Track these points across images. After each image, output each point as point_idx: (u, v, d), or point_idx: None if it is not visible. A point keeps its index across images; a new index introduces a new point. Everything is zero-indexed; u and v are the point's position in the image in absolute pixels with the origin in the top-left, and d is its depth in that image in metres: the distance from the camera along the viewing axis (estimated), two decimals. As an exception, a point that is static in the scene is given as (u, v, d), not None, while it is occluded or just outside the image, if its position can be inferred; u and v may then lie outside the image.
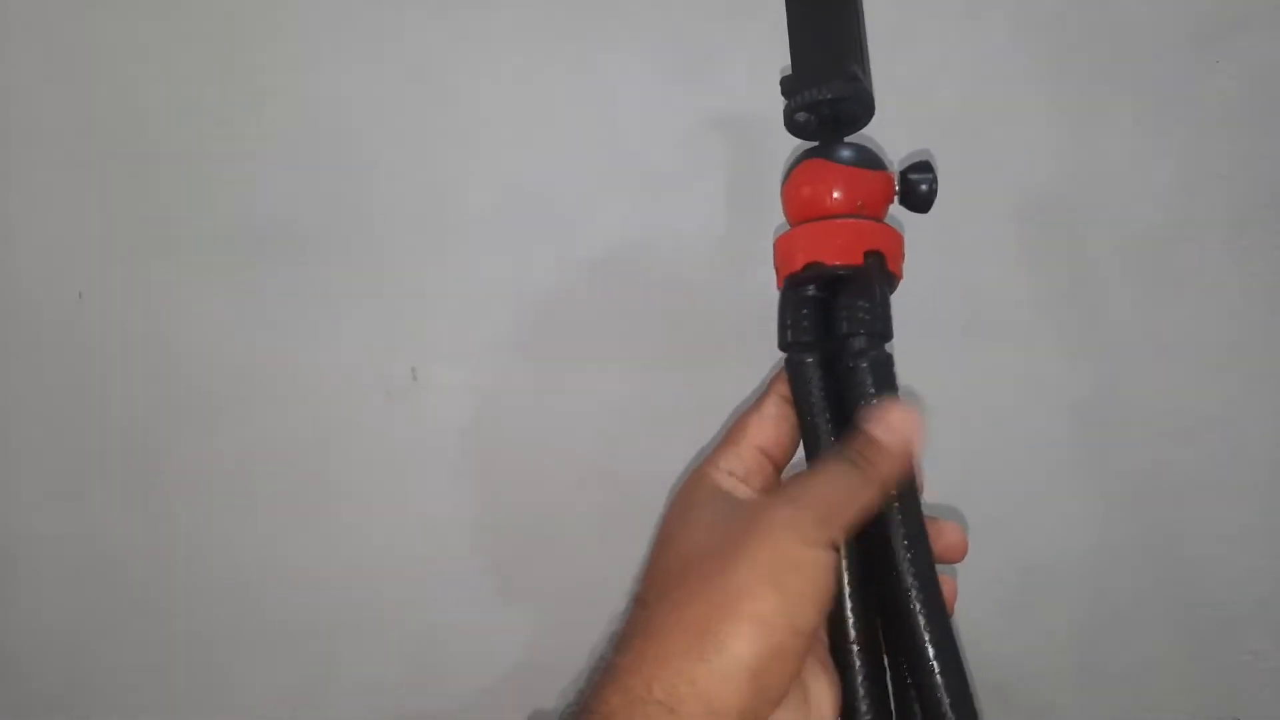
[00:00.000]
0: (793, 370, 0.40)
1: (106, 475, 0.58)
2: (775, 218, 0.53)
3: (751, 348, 0.54)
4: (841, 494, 0.36)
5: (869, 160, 0.41)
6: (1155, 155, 0.52)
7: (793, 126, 0.42)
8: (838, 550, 0.36)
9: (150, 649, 0.60)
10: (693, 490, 0.39)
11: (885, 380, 0.38)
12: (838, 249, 0.39)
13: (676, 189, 0.54)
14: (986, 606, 0.57)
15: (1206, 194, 0.52)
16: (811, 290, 0.40)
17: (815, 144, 0.42)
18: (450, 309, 0.56)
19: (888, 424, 0.37)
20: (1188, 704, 0.56)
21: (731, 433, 0.41)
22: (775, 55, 0.48)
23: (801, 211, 0.41)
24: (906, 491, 0.38)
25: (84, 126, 0.56)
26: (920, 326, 0.54)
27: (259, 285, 0.56)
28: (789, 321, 0.40)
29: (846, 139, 0.42)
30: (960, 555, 0.41)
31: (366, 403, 0.56)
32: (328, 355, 0.56)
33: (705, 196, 0.54)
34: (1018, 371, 0.55)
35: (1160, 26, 0.51)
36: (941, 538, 0.40)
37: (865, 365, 0.38)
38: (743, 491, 0.39)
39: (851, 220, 0.40)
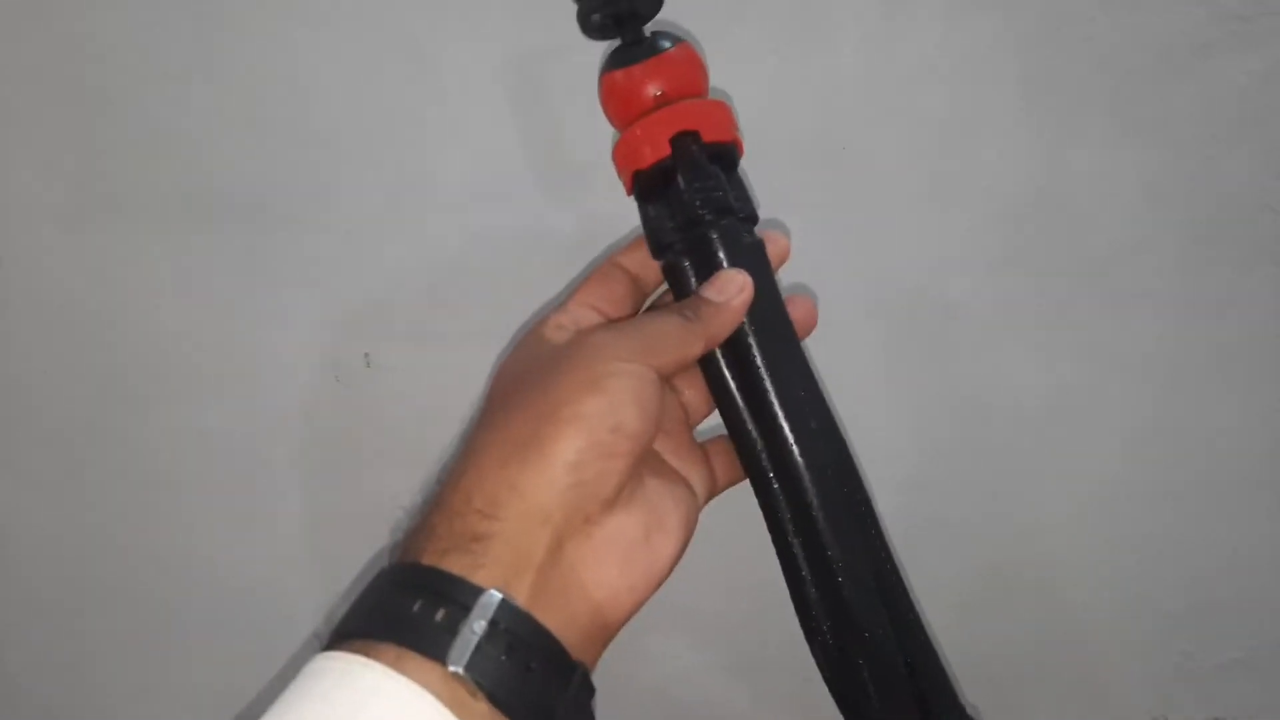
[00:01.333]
0: (669, 274, 0.41)
1: (23, 460, 0.54)
2: (760, 217, 0.52)
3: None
4: (664, 336, 0.37)
5: (651, 48, 0.41)
6: (1120, 170, 0.53)
7: (588, 29, 0.42)
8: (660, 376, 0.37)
9: (61, 646, 0.57)
10: (524, 342, 0.39)
11: (732, 248, 0.39)
12: (644, 153, 0.40)
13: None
14: (949, 606, 0.58)
15: (1166, 210, 0.54)
16: (655, 194, 0.40)
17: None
18: (410, 291, 0.53)
19: (719, 284, 0.38)
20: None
21: (565, 296, 0.42)
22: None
23: (618, 126, 0.42)
24: (767, 328, 0.39)
25: (14, 71, 0.51)
26: (891, 329, 0.55)
27: (205, 257, 0.53)
28: (647, 234, 0.41)
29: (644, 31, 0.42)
30: (808, 330, 0.43)
31: (316, 388, 0.54)
32: (276, 336, 0.53)
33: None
34: (986, 376, 0.55)
35: (1129, 50, 0.52)
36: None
37: (714, 235, 0.39)
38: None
39: (648, 116, 0.40)
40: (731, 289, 0.38)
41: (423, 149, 0.52)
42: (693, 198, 0.39)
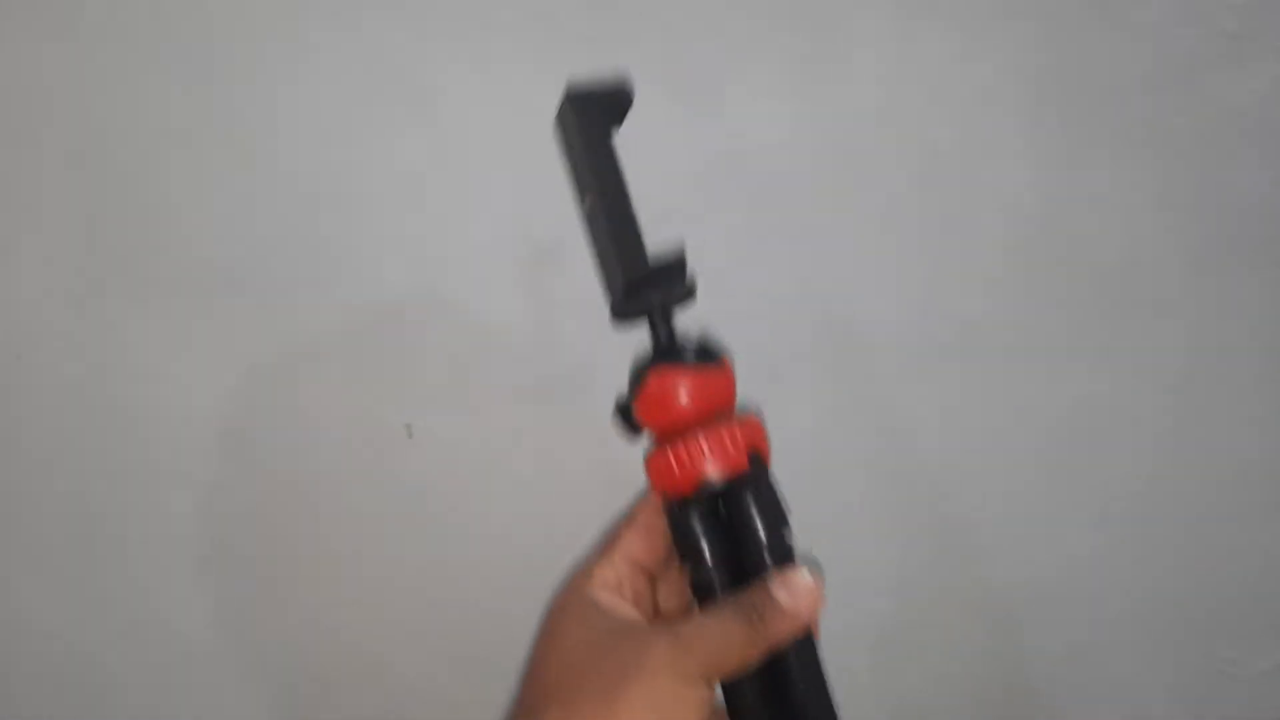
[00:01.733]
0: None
1: (53, 557, 0.52)
2: (787, 246, 0.53)
3: (784, 384, 0.53)
4: (728, 645, 0.36)
5: (712, 355, 0.41)
6: (1127, 190, 0.55)
7: (620, 318, 0.42)
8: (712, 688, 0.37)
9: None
10: (570, 604, 0.40)
11: (784, 548, 0.40)
12: (722, 464, 0.39)
13: (689, 223, 0.53)
14: (981, 622, 0.58)
15: (1171, 224, 0.55)
16: (703, 504, 0.40)
17: (655, 347, 0.42)
18: (448, 356, 0.53)
19: (793, 589, 0.38)
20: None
21: (606, 544, 0.42)
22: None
23: (667, 426, 0.40)
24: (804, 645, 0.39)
25: (17, 158, 0.50)
26: (912, 351, 0.55)
27: (226, 328, 0.51)
28: (698, 547, 0.40)
29: (680, 334, 0.42)
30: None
31: (355, 461, 0.53)
32: (314, 408, 0.52)
33: (721, 229, 0.53)
34: (1009, 393, 0.56)
35: (1130, 71, 0.53)
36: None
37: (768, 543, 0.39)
38: (622, 610, 0.40)
39: (722, 428, 0.39)
40: (803, 594, 0.38)
41: (448, 214, 0.52)
42: (775, 519, 0.40)
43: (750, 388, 0.54)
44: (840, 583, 0.56)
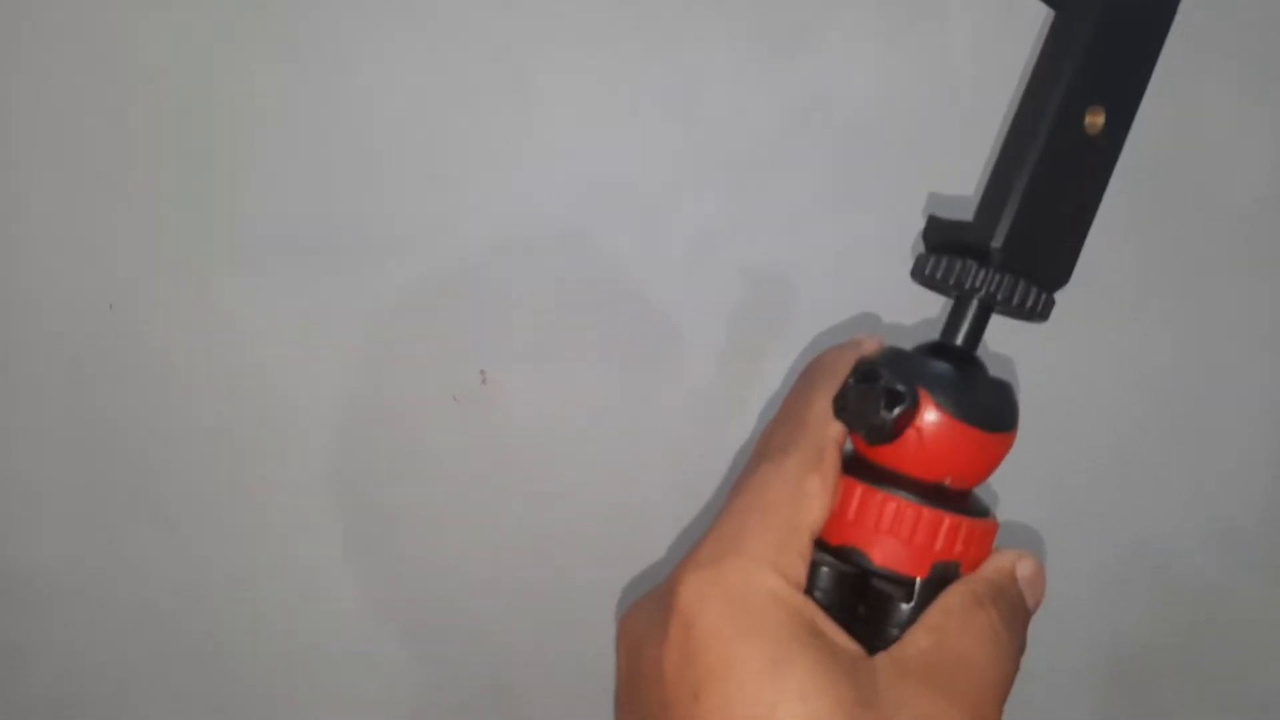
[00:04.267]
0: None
1: (155, 509, 0.53)
2: (871, 212, 0.50)
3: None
4: (997, 686, 0.26)
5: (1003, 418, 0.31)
6: (1255, 126, 0.51)
7: (927, 280, 0.33)
8: None
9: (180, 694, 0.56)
10: (753, 609, 0.26)
11: None
12: (901, 553, 0.29)
13: (765, 180, 0.51)
14: (1091, 592, 0.56)
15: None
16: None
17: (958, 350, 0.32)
18: (526, 310, 0.52)
19: (1033, 576, 0.29)
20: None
21: (782, 507, 0.28)
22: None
23: (948, 472, 0.30)
24: None
25: (113, 123, 0.51)
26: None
27: (310, 294, 0.52)
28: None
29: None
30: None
31: (435, 412, 0.52)
32: (391, 364, 0.52)
33: (801, 187, 0.51)
34: (1121, 351, 0.53)
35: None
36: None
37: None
38: (839, 641, 0.27)
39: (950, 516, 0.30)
40: (1039, 594, 0.30)
41: (523, 169, 0.51)
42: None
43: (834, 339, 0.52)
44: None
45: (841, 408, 0.30)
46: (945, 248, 0.32)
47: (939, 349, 0.32)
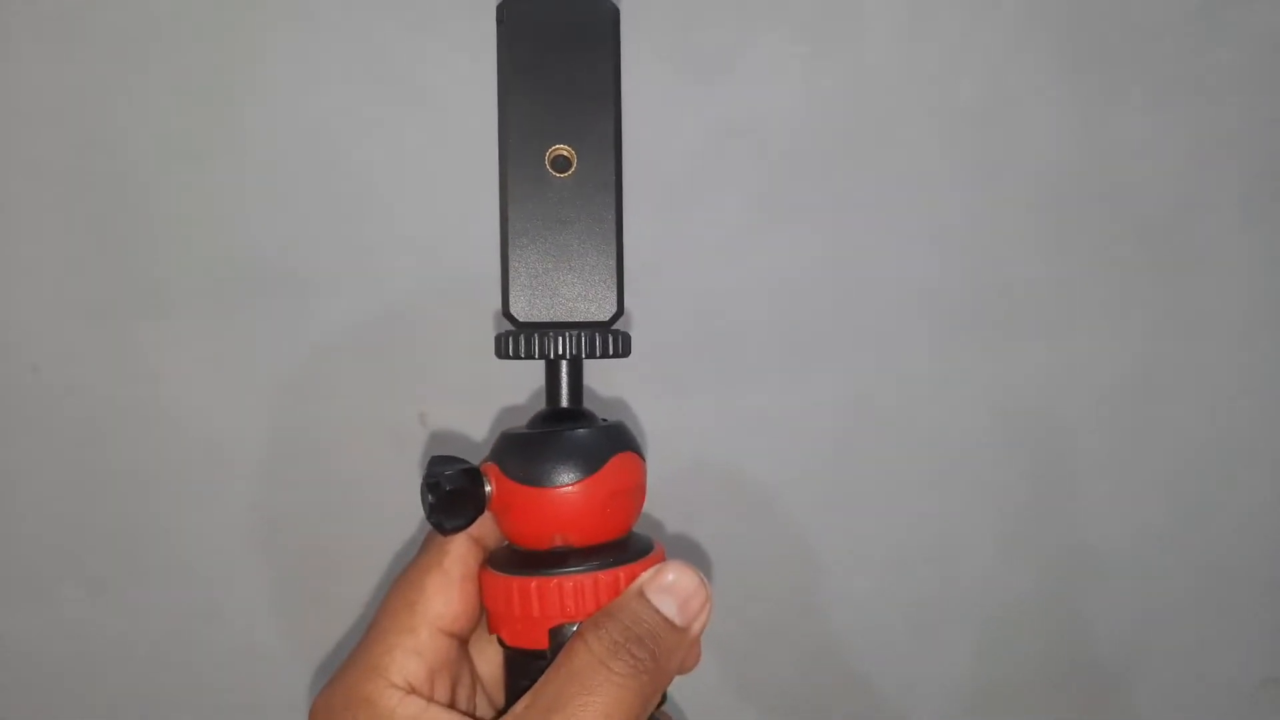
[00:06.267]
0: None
1: (85, 568, 0.52)
2: (794, 226, 0.50)
3: (813, 356, 0.52)
4: (606, 698, 0.26)
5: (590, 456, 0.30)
6: (1166, 131, 0.52)
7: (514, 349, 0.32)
8: None
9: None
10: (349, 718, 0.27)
11: None
12: (518, 628, 0.29)
13: (692, 201, 0.52)
14: (1052, 577, 0.56)
15: (1217, 167, 0.53)
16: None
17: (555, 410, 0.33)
18: (461, 348, 0.51)
19: (681, 594, 0.28)
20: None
21: (397, 612, 0.29)
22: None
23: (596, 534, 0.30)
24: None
25: (32, 171, 0.50)
26: (950, 319, 0.53)
27: (244, 336, 0.51)
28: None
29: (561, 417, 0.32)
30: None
31: (374, 455, 0.52)
32: (330, 406, 0.51)
33: (722, 207, 0.52)
34: (1049, 360, 0.54)
35: (1164, 3, 0.51)
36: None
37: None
38: None
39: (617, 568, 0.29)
40: (696, 605, 0.29)
41: (458, 207, 0.51)
42: None
43: (778, 361, 0.52)
44: (887, 550, 0.54)
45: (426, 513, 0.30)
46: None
47: (550, 416, 0.32)
